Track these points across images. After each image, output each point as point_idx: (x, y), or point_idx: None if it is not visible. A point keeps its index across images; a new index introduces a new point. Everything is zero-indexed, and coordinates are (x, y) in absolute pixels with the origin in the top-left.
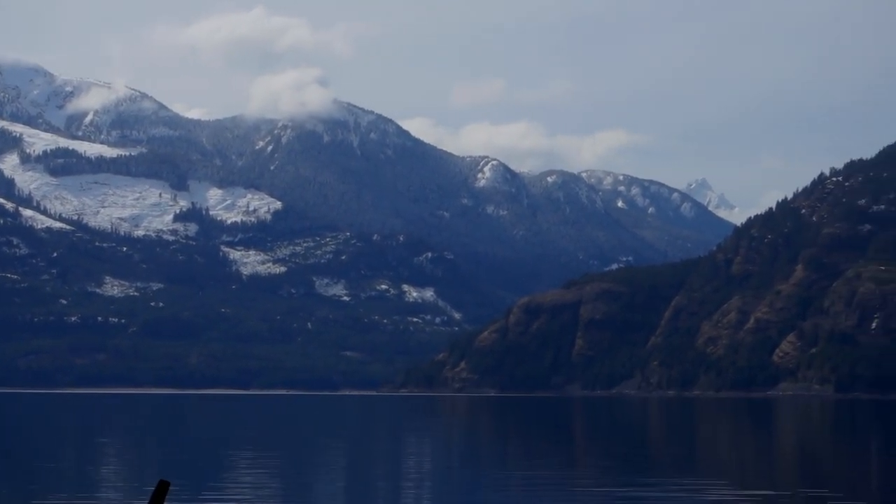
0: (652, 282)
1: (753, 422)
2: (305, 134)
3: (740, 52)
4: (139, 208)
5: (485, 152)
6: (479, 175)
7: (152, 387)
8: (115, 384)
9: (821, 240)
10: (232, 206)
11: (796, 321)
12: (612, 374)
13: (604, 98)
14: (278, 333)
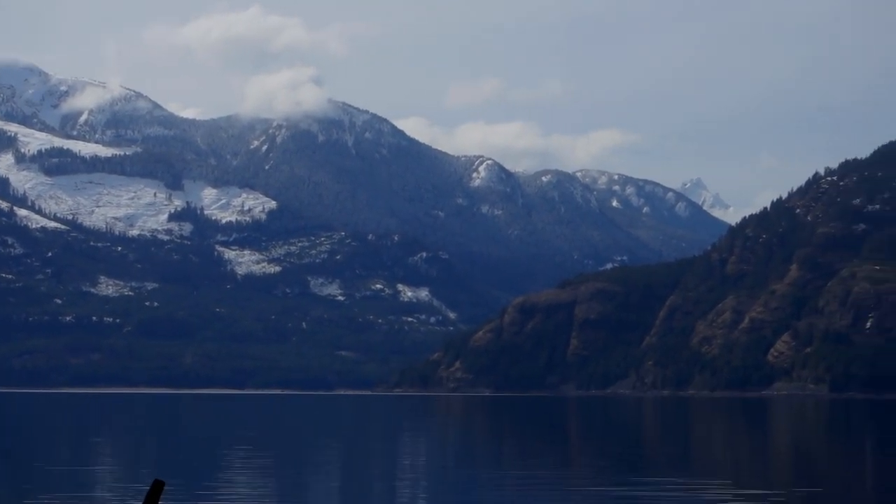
0: (647, 281)
1: (748, 421)
2: (300, 133)
3: (736, 52)
4: (134, 208)
5: (480, 152)
6: (474, 175)
7: (147, 386)
8: (110, 384)
9: (815, 239)
10: (227, 205)
11: (791, 321)
12: (607, 374)
13: (598, 98)
14: (273, 333)
